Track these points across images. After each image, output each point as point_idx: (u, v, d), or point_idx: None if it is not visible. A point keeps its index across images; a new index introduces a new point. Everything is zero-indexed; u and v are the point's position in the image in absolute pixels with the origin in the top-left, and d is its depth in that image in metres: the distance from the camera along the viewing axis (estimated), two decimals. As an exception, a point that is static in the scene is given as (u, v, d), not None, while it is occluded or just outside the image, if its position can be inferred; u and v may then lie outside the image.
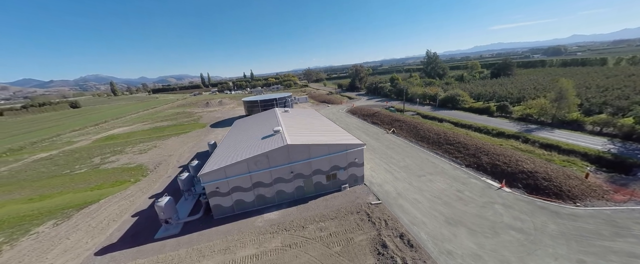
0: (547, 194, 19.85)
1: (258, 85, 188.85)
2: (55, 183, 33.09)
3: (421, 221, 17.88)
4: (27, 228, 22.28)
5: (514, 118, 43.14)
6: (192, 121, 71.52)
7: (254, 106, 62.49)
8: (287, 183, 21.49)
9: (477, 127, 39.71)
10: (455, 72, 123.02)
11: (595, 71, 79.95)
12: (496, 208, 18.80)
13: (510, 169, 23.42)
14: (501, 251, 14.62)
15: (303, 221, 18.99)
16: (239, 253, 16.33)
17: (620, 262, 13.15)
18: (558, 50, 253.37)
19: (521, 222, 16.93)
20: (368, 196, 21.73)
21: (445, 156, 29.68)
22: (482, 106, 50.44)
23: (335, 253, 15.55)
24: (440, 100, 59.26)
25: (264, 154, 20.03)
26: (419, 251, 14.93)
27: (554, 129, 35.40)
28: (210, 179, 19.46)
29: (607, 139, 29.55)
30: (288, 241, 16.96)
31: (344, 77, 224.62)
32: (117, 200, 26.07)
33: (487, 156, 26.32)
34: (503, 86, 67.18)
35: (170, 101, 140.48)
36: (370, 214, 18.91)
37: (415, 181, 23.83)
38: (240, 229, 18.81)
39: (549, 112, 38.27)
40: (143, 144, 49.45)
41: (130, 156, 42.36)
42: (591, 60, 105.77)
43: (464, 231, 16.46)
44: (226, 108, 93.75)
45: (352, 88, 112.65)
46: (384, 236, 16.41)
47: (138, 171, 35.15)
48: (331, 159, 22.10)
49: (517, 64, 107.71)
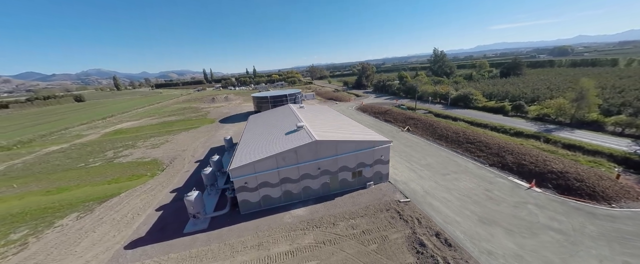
0: (580, 195, 19.56)
1: (262, 81, 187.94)
2: (72, 176, 32.97)
3: (454, 220, 17.64)
4: (51, 220, 22.16)
5: (530, 118, 42.66)
6: (200, 117, 71.23)
7: (263, 102, 62.09)
8: (313, 179, 21.25)
9: (494, 127, 39.26)
10: (462, 71, 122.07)
11: (607, 71, 79.05)
12: (529, 208, 18.53)
13: (538, 169, 23.10)
14: (542, 251, 14.38)
15: (332, 218, 18.77)
16: (272, 249, 16.14)
17: None
18: (565, 50, 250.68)
19: (558, 223, 16.67)
20: (395, 194, 21.48)
21: (466, 154, 29.35)
22: (497, 105, 49.91)
23: (371, 250, 15.34)
24: (452, 99, 58.74)
25: (293, 149, 19.76)
26: (458, 251, 14.70)
27: (574, 129, 34.97)
28: (239, 174, 19.21)
29: (631, 140, 29.11)
30: (321, 238, 16.76)
31: (348, 75, 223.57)
32: (138, 194, 25.91)
33: (511, 155, 25.99)
34: (514, 85, 66.48)
35: (175, 96, 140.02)
36: (401, 212, 18.68)
37: (441, 180, 23.56)
38: (269, 225, 18.63)
39: (567, 113, 37.82)
40: (154, 138, 49.24)
41: (143, 150, 42.18)
42: (601, 60, 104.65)
43: (501, 231, 16.22)
44: (232, 104, 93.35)
45: (358, 86, 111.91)
46: (419, 235, 16.19)
47: (153, 165, 34.98)
48: (358, 156, 21.82)
49: (526, 64, 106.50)
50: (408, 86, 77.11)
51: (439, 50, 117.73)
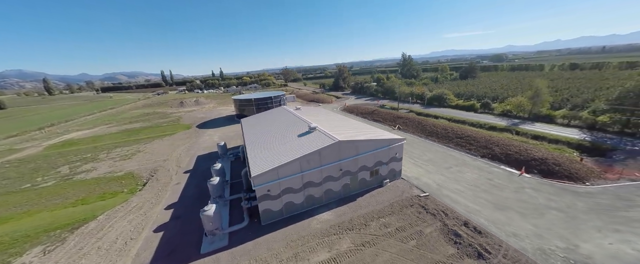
0: (560, 177, 22.97)
1: (232, 84, 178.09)
2: (15, 201, 26.24)
3: (474, 208, 19.01)
4: (4, 259, 17.16)
5: (496, 114, 48.85)
6: (171, 122, 63.98)
7: (247, 105, 58.66)
8: (335, 181, 20.71)
9: (471, 123, 43.77)
10: (427, 74, 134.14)
11: (537, 74, 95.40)
12: (527, 191, 21.04)
13: (522, 157, 26.45)
14: (554, 228, 16.40)
15: (362, 219, 18.51)
16: (312, 259, 15.13)
17: None
18: (500, 57, 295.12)
19: (554, 202, 19.26)
20: (412, 190, 22.24)
21: (458, 148, 32.10)
22: (467, 103, 55.88)
23: (412, 247, 15.53)
24: (428, 98, 63.89)
25: (317, 151, 18.96)
26: (489, 236, 15.83)
27: (533, 122, 41.12)
28: (262, 182, 17.61)
29: (577, 130, 35.44)
30: (358, 241, 16.34)
31: (321, 77, 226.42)
32: (122, 215, 21.79)
33: (498, 147, 29.28)
34: (475, 86, 75.54)
35: (130, 101, 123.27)
36: (425, 207, 19.39)
37: (447, 173, 25.26)
38: (298, 234, 17.46)
39: (526, 109, 44.37)
40: (121, 149, 42.39)
41: (109, 163, 35.90)
42: (532, 66, 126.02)
43: (515, 215, 18.03)
44: (205, 108, 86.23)
45: (336, 88, 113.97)
46: (450, 226, 16.99)
47: (129, 179, 30.03)
48: (376, 155, 22.02)
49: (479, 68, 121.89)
50: (386, 88, 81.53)
51: (407, 55, 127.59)
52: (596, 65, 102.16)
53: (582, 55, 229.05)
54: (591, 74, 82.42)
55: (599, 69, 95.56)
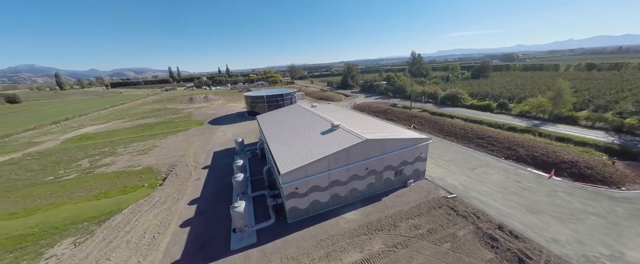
0: (593, 181, 22.12)
1: (239, 81, 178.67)
2: (40, 193, 26.67)
3: (506, 212, 18.43)
4: (36, 250, 17.39)
5: (513, 114, 47.63)
6: (183, 118, 64.42)
7: (259, 102, 58.57)
8: (360, 180, 20.35)
9: (489, 123, 42.74)
10: (436, 73, 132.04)
11: (552, 75, 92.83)
12: (561, 195, 20.31)
13: (550, 159, 25.59)
14: (596, 235, 15.74)
15: (390, 220, 18.14)
16: (345, 259, 14.85)
17: None
18: (511, 56, 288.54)
19: (591, 207, 18.52)
20: (438, 190, 21.73)
21: (479, 149, 31.31)
22: (483, 103, 54.61)
23: (447, 250, 15.10)
24: (441, 98, 62.75)
25: (345, 149, 18.60)
26: (527, 241, 15.27)
27: (555, 124, 39.88)
28: (290, 180, 17.37)
29: (603, 132, 34.20)
30: (390, 242, 15.99)
31: (327, 75, 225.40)
32: (147, 209, 21.90)
33: (523, 149, 28.42)
34: (488, 86, 73.92)
35: (140, 97, 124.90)
36: (455, 208, 18.89)
37: (472, 174, 24.62)
38: (327, 233, 17.20)
39: (546, 110, 43.07)
40: (137, 143, 42.81)
41: (127, 157, 36.26)
42: (547, 66, 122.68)
43: (551, 219, 17.39)
44: (215, 104, 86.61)
45: (344, 86, 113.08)
46: (484, 229, 16.48)
47: (148, 174, 30.23)
48: (401, 155, 21.55)
49: (491, 68, 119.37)
50: (397, 86, 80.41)
51: (417, 53, 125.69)
52: (614, 65, 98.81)
53: (596, 56, 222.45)
54: (610, 75, 79.75)
55: (618, 69, 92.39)
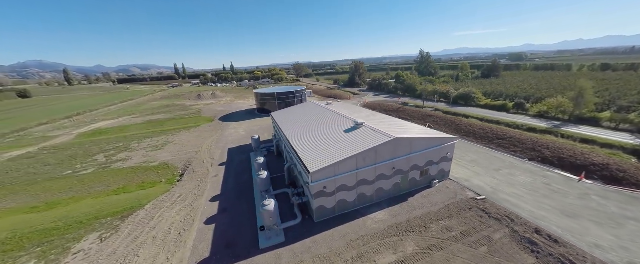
0: (627, 184, 21.31)
1: (244, 78, 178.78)
2: (60, 187, 26.76)
3: (540, 215, 17.81)
4: (63, 244, 17.32)
5: (531, 115, 46.48)
6: (193, 115, 64.48)
7: (269, 99, 58.23)
8: (387, 180, 19.88)
9: (506, 123, 41.68)
10: (445, 72, 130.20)
11: (565, 75, 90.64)
12: (595, 199, 19.58)
13: (579, 162, 24.79)
14: (638, 241, 15.07)
15: (420, 221, 17.66)
16: (379, 261, 14.45)
17: None
18: (520, 56, 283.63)
19: (630, 212, 17.79)
20: (465, 192, 21.15)
21: (501, 150, 30.54)
22: (498, 103, 53.47)
23: (485, 253, 14.59)
24: (454, 97, 61.69)
25: (373, 149, 18.12)
26: (568, 247, 14.68)
27: (577, 125, 38.75)
28: (319, 178, 16.98)
29: (629, 134, 33.07)
30: (424, 244, 15.53)
31: (332, 74, 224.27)
32: (168, 205, 21.74)
33: (548, 150, 27.62)
34: (500, 85, 72.53)
35: (147, 93, 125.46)
36: (486, 210, 18.32)
37: (498, 175, 23.96)
38: (356, 233, 16.81)
39: (567, 110, 41.90)
40: (151, 139, 42.87)
41: (142, 153, 36.28)
42: (559, 65, 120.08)
43: (590, 224, 16.73)
44: (223, 101, 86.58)
45: (351, 84, 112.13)
46: (521, 233, 15.91)
47: (165, 170, 30.16)
48: (427, 154, 21.00)
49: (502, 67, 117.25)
50: (407, 85, 79.38)
51: (425, 52, 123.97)
52: (631, 66, 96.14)
53: (608, 56, 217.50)
54: (627, 76, 77.60)
55: (635, 70, 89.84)
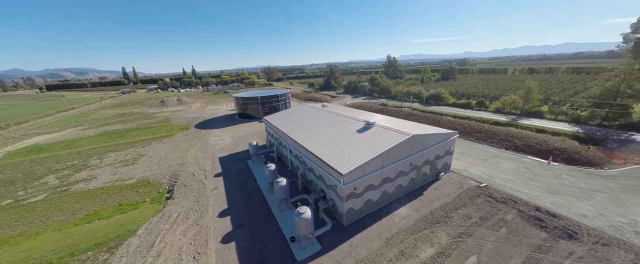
0: (583, 164, 26.12)
1: (211, 82, 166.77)
2: (1, 221, 20.73)
3: (534, 195, 20.50)
4: (33, 296, 13.31)
5: (491, 111, 53.80)
6: (160, 123, 57.30)
7: (250, 103, 55.17)
8: (405, 176, 20.57)
9: (475, 119, 47.34)
10: (409, 75, 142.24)
11: (503, 77, 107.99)
12: (565, 177, 23.45)
13: (544, 148, 29.47)
14: (609, 208, 18.49)
15: (441, 212, 18.68)
16: (421, 255, 14.73)
17: None
18: (465, 61, 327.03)
19: (593, 186, 21.76)
20: (468, 181, 23.16)
21: (481, 142, 34.48)
22: (464, 101, 60.49)
23: (507, 234, 16.13)
24: (426, 97, 67.65)
25: (395, 147, 18.57)
26: (565, 219, 17.20)
27: (528, 118, 46.15)
28: (350, 180, 16.61)
29: (566, 124, 40.79)
30: (453, 233, 16.42)
31: (303, 77, 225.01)
32: (167, 227, 18.64)
33: (518, 140, 32.20)
34: (458, 86, 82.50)
35: (92, 101, 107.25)
36: (492, 196, 20.34)
37: (488, 164, 26.91)
38: (390, 231, 16.89)
39: (518, 106, 49.68)
40: (115, 153, 36.51)
41: (110, 170, 30.62)
42: (498, 69, 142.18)
43: (571, 198, 19.92)
44: (193, 107, 79.13)
45: (327, 87, 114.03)
46: (526, 212, 18.07)
47: (147, 187, 26.00)
48: (436, 149, 22.46)
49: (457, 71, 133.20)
50: (382, 87, 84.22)
51: (392, 57, 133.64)
52: (549, 70, 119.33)
53: (526, 62, 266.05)
54: (548, 77, 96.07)
55: (552, 73, 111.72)
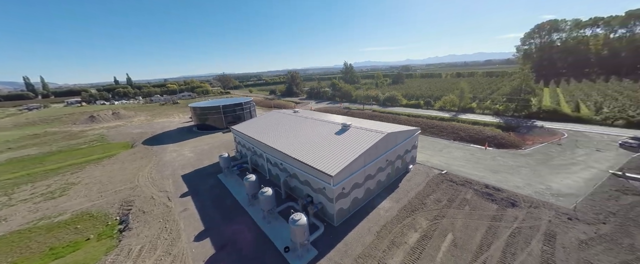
0: (508, 147, 32.81)
1: (155, 92, 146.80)
2: None
3: (480, 175, 24.74)
4: None
5: (436, 109, 62.64)
6: (93, 143, 47.68)
7: (211, 113, 50.74)
8: (382, 172, 22.19)
9: (425, 116, 54.32)
10: (364, 80, 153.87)
11: (440, 80, 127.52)
12: (499, 159, 29.06)
13: (480, 137, 35.90)
14: (533, 178, 23.68)
15: (417, 200, 20.81)
16: (409, 241, 16.12)
17: (567, 164, 25.49)
18: (408, 68, 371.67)
19: (518, 163, 27.56)
20: (432, 170, 26.40)
21: (434, 136, 39.79)
22: (414, 102, 68.67)
23: (470, 210, 19.02)
24: (383, 99, 74.22)
25: (374, 145, 19.98)
26: (506, 192, 21.29)
27: (464, 113, 55.41)
28: (339, 180, 17.06)
29: (491, 116, 50.59)
30: (430, 216, 18.50)
31: (261, 84, 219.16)
32: (141, 260, 15.55)
33: (462, 132, 38.38)
34: (407, 89, 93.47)
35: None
36: (452, 180, 23.69)
37: (443, 154, 31.22)
38: (377, 224, 17.93)
39: (456, 104, 59.25)
40: (33, 184, 28.78)
41: (27, 206, 24.00)
42: (435, 74, 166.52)
43: (506, 175, 24.78)
44: (136, 121, 68.34)
45: (289, 93, 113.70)
46: (479, 190, 21.69)
47: (89, 221, 21.37)
48: (405, 144, 24.99)
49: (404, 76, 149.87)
50: (343, 92, 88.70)
51: (349, 63, 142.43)
52: (471, 74, 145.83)
53: (452, 68, 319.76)
54: (471, 80, 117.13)
55: (473, 76, 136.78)
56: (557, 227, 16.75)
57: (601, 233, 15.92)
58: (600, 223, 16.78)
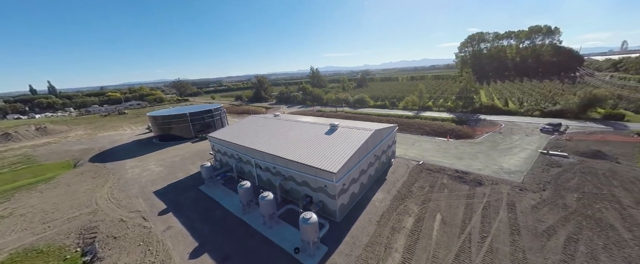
0: (465, 137, 38.47)
1: (91, 102, 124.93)
2: None
3: (450, 162, 28.53)
4: None
5: (400, 108, 69.03)
6: (17, 165, 38.63)
7: (176, 122, 45.90)
8: (372, 167, 23.75)
9: (393, 116, 59.49)
10: (331, 84, 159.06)
11: (398, 83, 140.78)
12: (461, 148, 33.89)
13: (442, 130, 41.18)
14: (489, 162, 28.33)
15: (405, 189, 22.92)
16: (406, 225, 17.71)
17: (509, 147, 31.32)
18: (367, 72, 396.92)
19: (476, 150, 32.62)
20: (410, 162, 29.26)
21: (405, 132, 43.93)
22: (381, 103, 74.25)
23: (448, 192, 21.85)
24: (353, 101, 78.16)
25: (365, 141, 21.35)
26: (472, 174, 25.06)
27: (424, 111, 62.43)
28: (340, 177, 17.74)
29: (446, 112, 58.27)
30: (419, 201, 20.62)
31: (224, 90, 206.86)
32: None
33: (427, 127, 43.37)
34: (372, 91, 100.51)
35: None
36: (430, 169, 26.75)
37: (416, 147, 34.82)
38: (376, 214, 19.17)
39: (416, 103, 66.38)
40: None
41: None
42: (392, 78, 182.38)
43: (469, 160, 29.10)
44: (73, 136, 57.41)
45: (258, 99, 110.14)
46: (452, 175, 25.05)
47: (39, 258, 17.49)
48: (388, 140, 27.21)
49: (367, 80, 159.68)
50: (314, 95, 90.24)
51: (315, 68, 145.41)
52: (422, 77, 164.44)
53: (405, 72, 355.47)
54: (423, 82, 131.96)
55: (424, 79, 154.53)
56: (514, 197, 20.60)
57: (544, 197, 20.22)
58: (542, 191, 21.28)
